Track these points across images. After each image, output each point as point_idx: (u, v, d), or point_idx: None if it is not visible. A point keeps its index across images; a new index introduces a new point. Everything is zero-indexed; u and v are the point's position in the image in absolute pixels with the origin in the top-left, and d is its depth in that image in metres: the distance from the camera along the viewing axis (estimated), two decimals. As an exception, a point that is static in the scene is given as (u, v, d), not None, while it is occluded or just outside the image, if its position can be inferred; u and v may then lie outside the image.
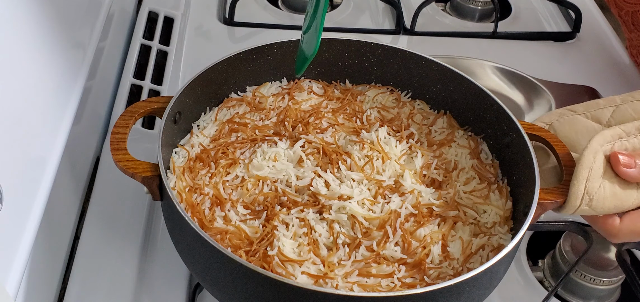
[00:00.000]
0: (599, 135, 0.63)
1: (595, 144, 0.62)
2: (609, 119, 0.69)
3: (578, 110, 0.70)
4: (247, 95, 0.75)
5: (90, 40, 0.78)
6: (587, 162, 0.61)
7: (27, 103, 0.62)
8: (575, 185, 0.61)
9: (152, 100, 0.68)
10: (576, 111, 0.70)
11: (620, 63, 1.05)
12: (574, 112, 0.70)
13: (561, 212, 0.62)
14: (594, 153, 0.61)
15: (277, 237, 0.59)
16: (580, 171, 0.61)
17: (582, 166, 0.61)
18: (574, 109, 0.70)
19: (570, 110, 0.70)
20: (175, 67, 0.97)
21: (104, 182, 0.78)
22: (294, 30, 1.04)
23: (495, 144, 0.71)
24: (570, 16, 1.11)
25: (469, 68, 0.96)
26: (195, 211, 0.62)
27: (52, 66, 0.68)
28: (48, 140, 0.66)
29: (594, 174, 0.61)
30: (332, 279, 0.57)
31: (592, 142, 0.62)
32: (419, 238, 0.61)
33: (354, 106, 0.75)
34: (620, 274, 0.70)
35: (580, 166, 0.61)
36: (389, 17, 1.11)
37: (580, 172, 0.61)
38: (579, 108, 0.71)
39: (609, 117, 0.69)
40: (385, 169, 0.66)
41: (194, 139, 0.69)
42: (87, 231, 0.73)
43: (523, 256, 0.74)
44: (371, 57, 0.77)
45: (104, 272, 0.69)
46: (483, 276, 0.55)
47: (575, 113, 0.70)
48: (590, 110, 0.70)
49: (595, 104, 0.70)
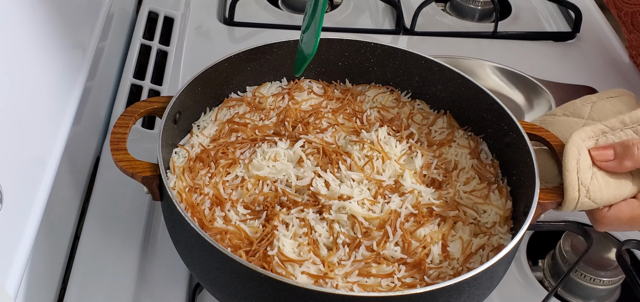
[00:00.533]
0: (579, 130, 0.65)
1: (575, 137, 0.64)
2: (589, 114, 0.70)
3: (557, 113, 0.72)
4: (247, 95, 0.75)
5: (90, 40, 0.78)
6: (572, 154, 0.63)
7: (27, 103, 0.62)
8: (567, 177, 0.62)
9: (152, 100, 0.68)
10: (556, 114, 0.72)
11: (620, 63, 1.05)
12: (554, 115, 0.72)
13: (563, 209, 0.63)
14: (576, 146, 0.63)
15: (277, 237, 0.59)
16: (568, 162, 0.62)
17: (568, 157, 0.62)
18: (553, 113, 0.72)
19: (550, 115, 0.72)
20: (175, 67, 0.97)
21: (104, 182, 0.78)
22: (294, 30, 1.03)
23: (495, 144, 0.71)
24: (570, 16, 1.11)
25: (469, 68, 0.96)
26: (195, 211, 0.62)
27: (52, 66, 0.68)
28: (48, 141, 0.66)
29: (582, 166, 0.62)
30: (332, 279, 0.57)
31: (573, 136, 0.64)
32: (419, 238, 0.61)
33: (354, 106, 0.75)
34: (620, 274, 0.70)
35: (567, 158, 0.62)
36: (389, 17, 1.11)
37: (569, 162, 0.62)
38: (558, 111, 0.72)
39: (588, 112, 0.70)
40: (385, 169, 0.66)
41: (194, 139, 0.69)
42: (87, 231, 0.73)
43: (523, 256, 0.74)
44: (371, 57, 0.77)
45: (104, 272, 0.69)
46: (483, 276, 0.55)
47: (556, 115, 0.72)
48: (568, 109, 0.72)
49: (572, 104, 0.72)
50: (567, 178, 0.62)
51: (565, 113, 0.71)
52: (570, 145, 0.63)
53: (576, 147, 0.63)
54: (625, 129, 0.65)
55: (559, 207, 0.63)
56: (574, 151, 0.63)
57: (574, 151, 0.63)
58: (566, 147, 0.63)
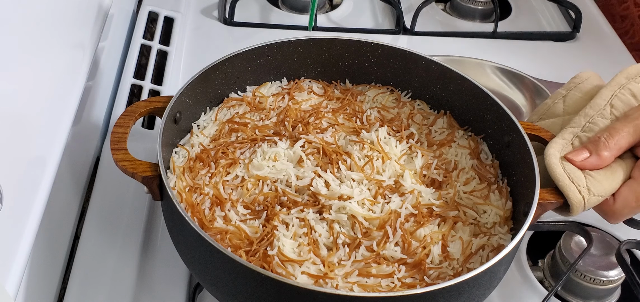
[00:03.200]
0: (551, 144, 0.65)
1: (550, 150, 0.65)
2: (564, 109, 0.71)
3: (533, 119, 0.73)
4: (247, 95, 0.75)
5: (90, 40, 0.78)
6: (554, 164, 0.63)
7: (27, 103, 0.62)
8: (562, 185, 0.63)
9: (152, 100, 0.68)
10: (532, 121, 0.72)
11: (620, 63, 1.05)
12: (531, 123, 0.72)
13: (573, 214, 0.64)
14: (555, 157, 0.64)
15: (277, 237, 0.59)
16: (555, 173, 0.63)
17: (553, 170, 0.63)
18: (529, 121, 0.73)
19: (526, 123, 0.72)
20: (175, 67, 0.97)
21: (104, 182, 0.78)
22: (294, 30, 1.04)
23: (495, 144, 0.71)
24: (570, 16, 1.11)
25: (469, 68, 0.96)
26: (195, 211, 0.62)
27: (52, 66, 0.68)
28: (48, 140, 0.66)
29: (569, 169, 0.63)
30: (332, 279, 0.57)
31: (547, 151, 0.65)
32: (419, 238, 0.61)
33: (354, 106, 0.75)
34: (620, 274, 0.70)
35: (552, 172, 0.63)
36: (389, 17, 1.11)
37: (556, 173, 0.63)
38: (533, 117, 0.73)
39: (563, 108, 0.71)
40: (385, 169, 0.66)
41: (194, 138, 0.69)
42: (87, 231, 0.73)
43: (523, 256, 0.74)
44: (371, 57, 0.77)
45: (104, 272, 0.69)
46: (483, 276, 0.55)
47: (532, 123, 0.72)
48: (541, 112, 0.73)
49: (544, 106, 0.73)
50: (563, 187, 0.62)
51: (540, 117, 0.72)
52: (548, 158, 0.64)
53: (555, 158, 0.64)
54: (593, 119, 0.66)
55: (569, 214, 0.63)
56: (554, 161, 0.64)
57: (554, 161, 0.64)
58: (546, 162, 0.64)
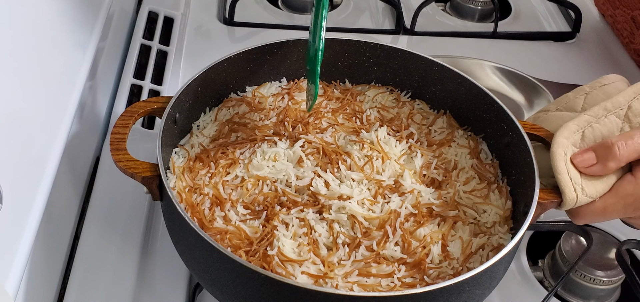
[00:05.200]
0: (563, 128, 0.65)
1: (559, 138, 0.64)
2: (582, 106, 0.70)
3: (551, 108, 0.72)
4: (247, 95, 0.75)
5: (90, 40, 0.78)
6: (559, 156, 0.63)
7: (27, 103, 0.62)
8: (560, 180, 0.62)
9: (152, 100, 0.68)
10: (549, 110, 0.72)
11: (620, 63, 1.05)
12: (547, 111, 0.72)
13: (564, 209, 0.63)
14: (562, 147, 0.63)
15: (277, 237, 0.59)
16: (557, 164, 0.63)
17: (555, 160, 0.63)
18: (546, 109, 0.72)
19: (543, 110, 0.72)
20: (175, 67, 0.97)
21: (104, 182, 0.78)
22: (294, 30, 1.04)
23: (495, 144, 0.71)
24: (570, 16, 1.11)
25: (469, 68, 0.96)
26: (195, 211, 0.62)
27: (52, 66, 0.68)
28: (48, 141, 0.66)
29: (570, 165, 0.63)
30: (332, 279, 0.57)
31: (556, 137, 0.64)
32: (419, 238, 0.61)
33: (354, 106, 0.75)
34: (620, 274, 0.70)
35: (554, 161, 0.63)
36: (389, 17, 1.11)
37: (557, 165, 0.63)
38: (551, 106, 0.72)
39: (582, 105, 0.70)
40: (385, 169, 0.66)
41: (194, 139, 0.69)
42: (87, 231, 0.73)
43: (523, 255, 0.74)
44: (371, 57, 0.77)
45: (104, 272, 0.69)
46: (483, 276, 0.55)
47: (549, 111, 0.71)
48: (561, 104, 0.72)
49: (564, 98, 0.72)
50: (560, 181, 0.62)
51: (558, 108, 0.71)
52: (555, 147, 0.63)
53: (562, 148, 0.63)
54: (609, 115, 0.65)
55: (560, 207, 0.63)
56: (559, 152, 0.63)
57: (559, 152, 0.63)
58: (552, 149, 0.63)
